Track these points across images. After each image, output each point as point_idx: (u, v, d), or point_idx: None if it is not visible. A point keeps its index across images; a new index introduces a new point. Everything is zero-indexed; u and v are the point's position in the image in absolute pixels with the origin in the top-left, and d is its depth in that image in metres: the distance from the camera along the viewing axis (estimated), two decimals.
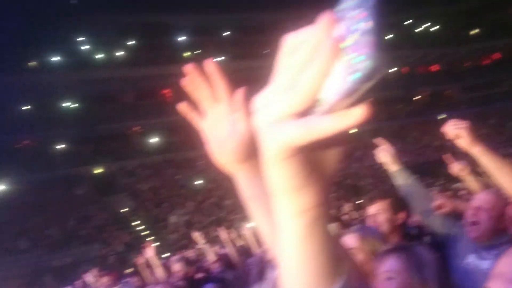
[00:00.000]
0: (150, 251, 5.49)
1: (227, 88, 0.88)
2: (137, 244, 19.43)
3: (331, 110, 0.41)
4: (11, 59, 23.70)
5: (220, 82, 0.87)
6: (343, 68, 0.40)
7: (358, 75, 0.39)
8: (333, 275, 0.49)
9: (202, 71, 0.86)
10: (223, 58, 28.49)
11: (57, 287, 10.37)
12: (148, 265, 5.49)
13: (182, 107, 0.93)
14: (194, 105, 0.92)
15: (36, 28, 24.12)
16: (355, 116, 0.40)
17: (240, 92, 0.88)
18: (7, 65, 23.51)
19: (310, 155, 0.45)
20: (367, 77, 0.39)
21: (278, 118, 0.42)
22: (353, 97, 0.41)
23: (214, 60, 0.86)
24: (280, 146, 0.43)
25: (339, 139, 0.46)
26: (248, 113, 0.86)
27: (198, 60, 0.87)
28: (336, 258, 0.50)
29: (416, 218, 3.79)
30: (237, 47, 30.12)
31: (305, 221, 0.47)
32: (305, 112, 0.42)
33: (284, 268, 0.50)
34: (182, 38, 30.74)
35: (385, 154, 2.87)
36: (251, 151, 0.88)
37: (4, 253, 20.08)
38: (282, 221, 0.48)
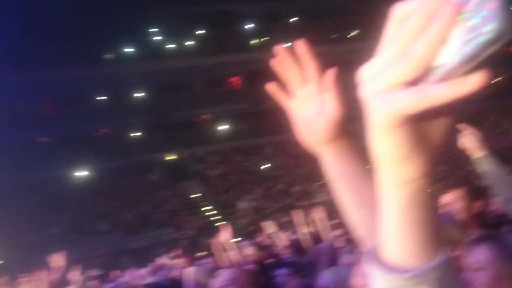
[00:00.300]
0: (225, 234, 5.60)
1: (317, 69, 0.89)
2: (207, 229, 20.00)
3: (447, 77, 0.40)
4: (88, 52, 24.95)
5: (310, 63, 0.89)
6: (463, 33, 0.38)
7: (481, 39, 0.37)
8: (434, 248, 0.49)
9: (292, 52, 0.88)
10: (291, 44, 28.38)
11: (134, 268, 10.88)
12: (223, 247, 5.61)
13: (271, 87, 0.95)
14: (282, 85, 0.93)
15: (110, 22, 25.20)
16: (472, 83, 0.39)
17: (330, 73, 0.89)
18: (84, 58, 24.78)
19: (419, 125, 0.45)
20: (490, 42, 0.37)
21: (389, 87, 0.42)
22: (473, 64, 0.39)
23: (286, 45, 0.88)
24: (390, 115, 0.42)
25: (452, 108, 0.45)
26: (337, 93, 0.89)
27: (266, 47, 0.90)
28: (437, 232, 0.50)
29: (495, 207, 3.64)
30: (305, 33, 29.77)
31: (409, 192, 0.47)
32: (418, 80, 0.41)
33: (385, 239, 0.50)
34: (250, 26, 30.88)
35: (470, 139, 2.77)
36: (339, 131, 0.90)
37: (85, 235, 21.35)
38: (385, 191, 0.49)
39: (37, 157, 23.61)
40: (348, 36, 30.35)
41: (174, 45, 29.10)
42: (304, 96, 0.92)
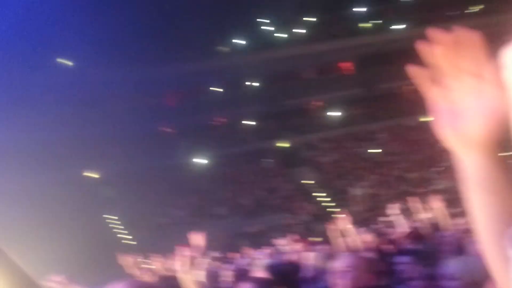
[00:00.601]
0: (343, 220, 5.64)
1: (481, 59, 0.74)
2: (320, 215, 20.11)
3: None
4: (202, 46, 26.19)
5: (473, 52, 0.73)
6: None
7: None
8: None
9: (451, 38, 0.74)
10: (404, 26, 27.23)
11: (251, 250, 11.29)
12: (340, 233, 5.66)
13: (414, 71, 0.80)
14: (428, 71, 0.78)
15: (222, 16, 26.18)
16: None
17: (497, 63, 0.72)
18: (200, 51, 26.06)
19: None
20: None
21: None
22: None
23: (433, 29, 0.74)
24: None
25: None
26: (503, 91, 0.72)
27: (378, 31, 0.75)
28: None
29: None
30: (417, 13, 28.35)
31: None
32: None
33: None
34: (360, 9, 30.07)
35: None
36: (494, 135, 0.74)
37: (205, 218, 22.61)
38: None
39: (161, 147, 25.45)
40: (466, 12, 28.27)
41: (284, 34, 29.34)
42: (457, 88, 0.76)
